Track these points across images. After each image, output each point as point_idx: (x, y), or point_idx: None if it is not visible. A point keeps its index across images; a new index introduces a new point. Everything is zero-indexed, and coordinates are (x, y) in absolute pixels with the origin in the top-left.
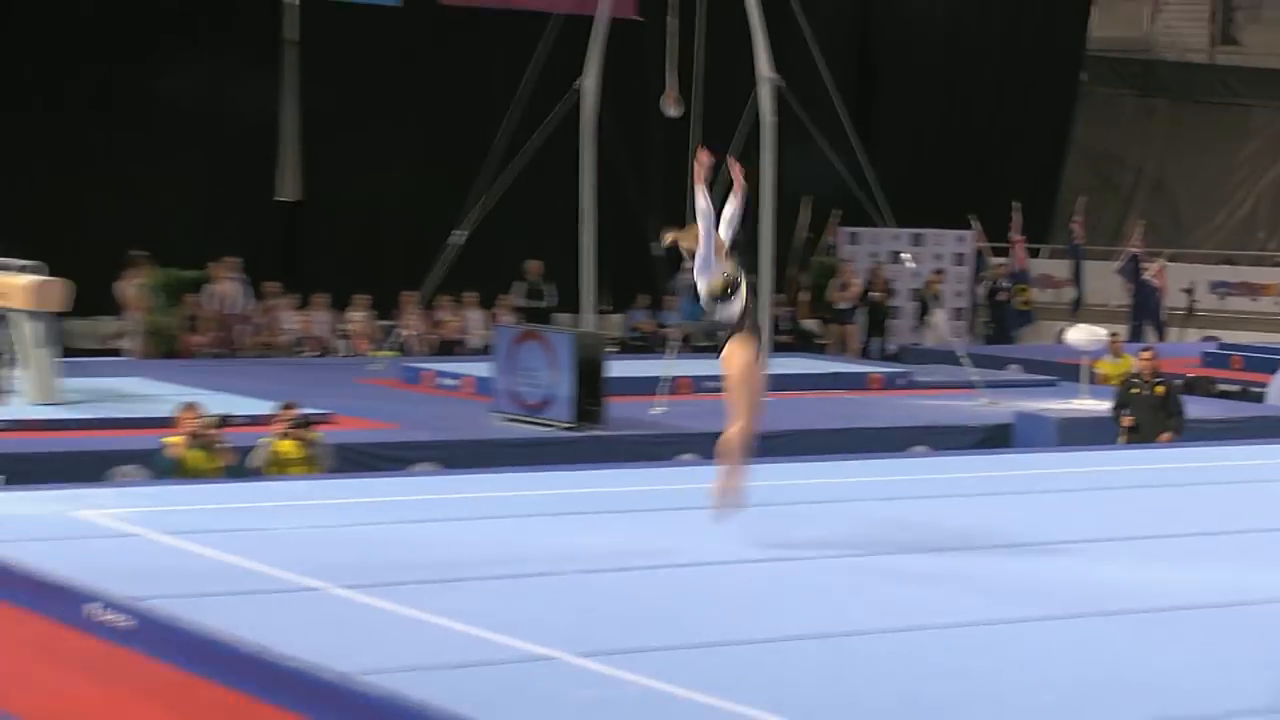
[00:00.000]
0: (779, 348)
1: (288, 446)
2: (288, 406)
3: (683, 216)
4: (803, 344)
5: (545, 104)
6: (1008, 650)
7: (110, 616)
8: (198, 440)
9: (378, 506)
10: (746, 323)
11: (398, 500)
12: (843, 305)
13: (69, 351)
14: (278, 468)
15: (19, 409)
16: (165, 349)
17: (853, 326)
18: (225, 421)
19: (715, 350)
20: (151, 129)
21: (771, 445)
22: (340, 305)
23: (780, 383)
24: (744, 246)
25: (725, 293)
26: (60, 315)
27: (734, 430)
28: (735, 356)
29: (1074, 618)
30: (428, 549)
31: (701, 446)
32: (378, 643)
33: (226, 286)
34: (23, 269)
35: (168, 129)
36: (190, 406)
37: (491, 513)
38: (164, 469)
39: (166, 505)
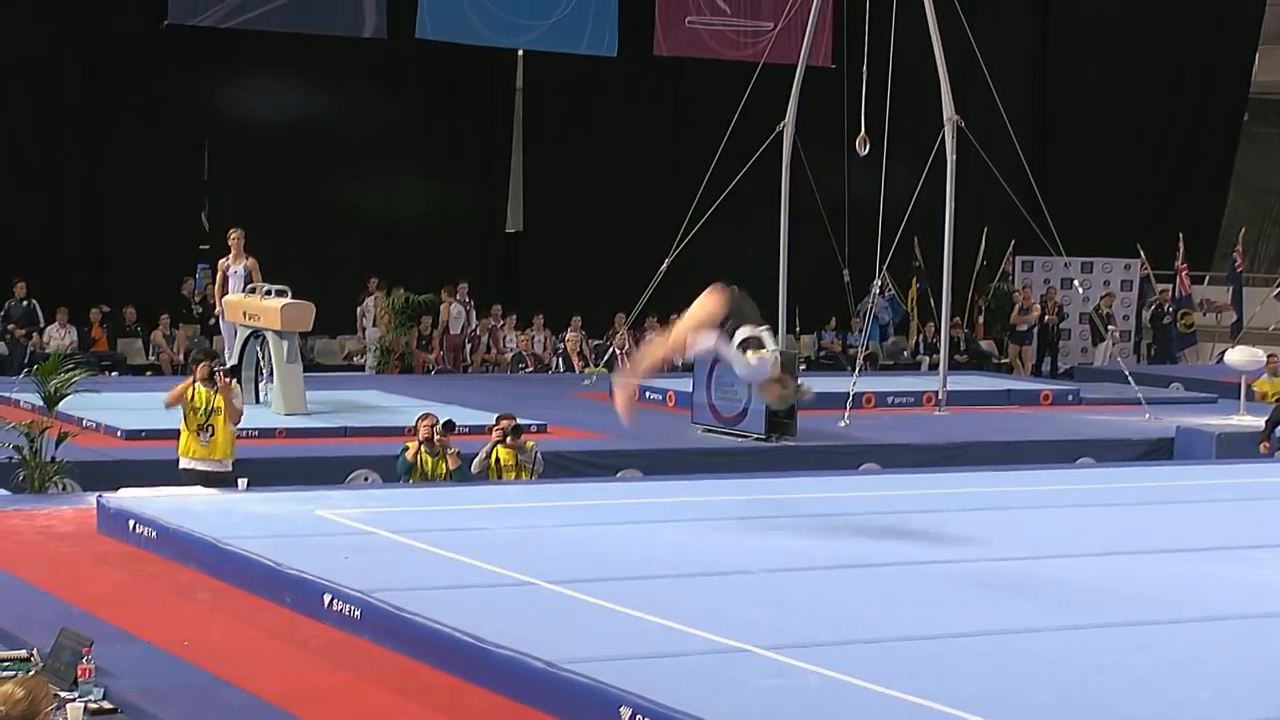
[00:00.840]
0: (956, 366)
1: (505, 454)
2: (504, 417)
3: (872, 246)
4: (980, 363)
5: (748, 145)
6: (1164, 649)
7: (342, 607)
8: (431, 446)
9: (585, 509)
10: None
11: (604, 504)
12: (1023, 327)
13: (313, 367)
14: (496, 473)
15: (269, 418)
16: (399, 365)
17: (1028, 347)
18: (451, 429)
19: (896, 369)
20: (388, 166)
21: (950, 455)
22: (557, 326)
23: (958, 398)
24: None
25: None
26: (306, 334)
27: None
28: (701, 305)
29: (1229, 619)
30: (630, 548)
31: (883, 456)
32: (581, 633)
33: (455, 309)
34: (272, 292)
35: (406, 167)
36: (426, 416)
37: (690, 516)
38: (401, 471)
39: (396, 506)
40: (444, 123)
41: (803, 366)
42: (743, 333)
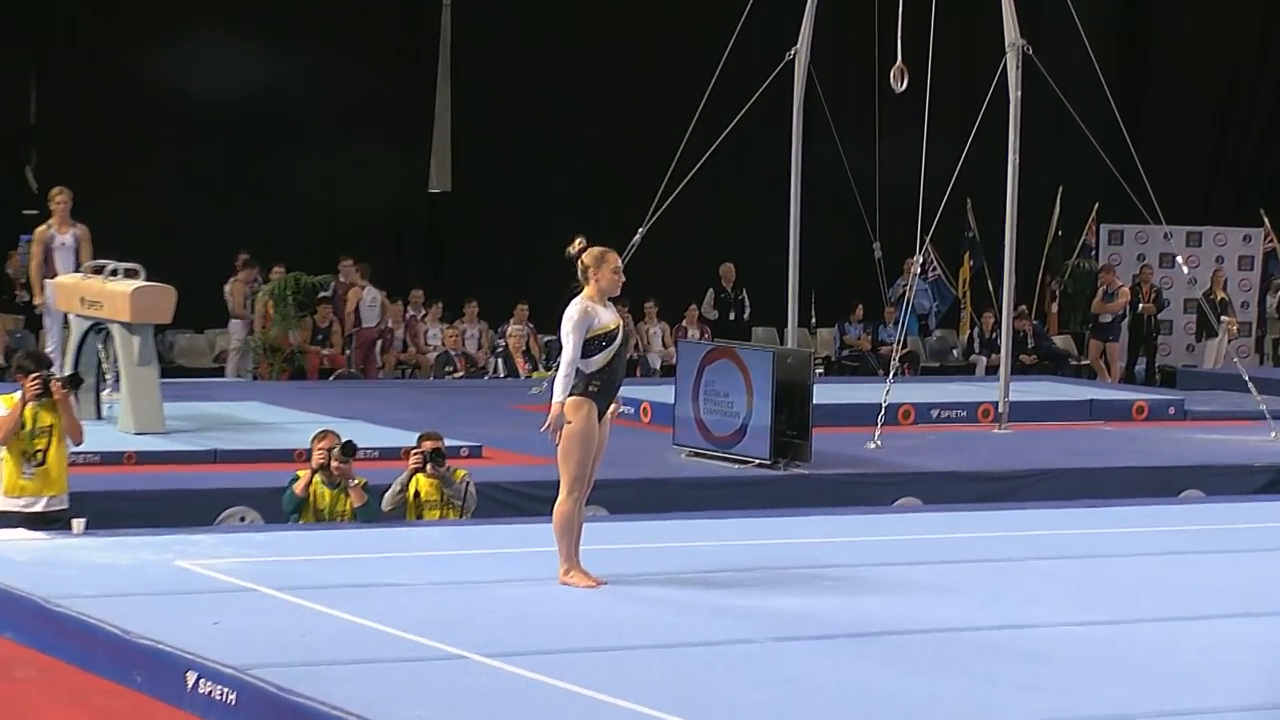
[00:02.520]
0: (1022, 370)
1: (426, 485)
2: (426, 438)
3: (911, 212)
4: (1053, 365)
5: (749, 79)
6: None
7: (211, 688)
8: (329, 475)
9: (532, 559)
10: (602, 380)
11: (555, 552)
12: (1106, 318)
13: (173, 371)
14: (414, 511)
15: (114, 438)
16: (288, 368)
17: (1115, 344)
18: (352, 452)
19: (942, 373)
20: (272, 112)
21: (1013, 487)
22: (495, 317)
23: (1025, 412)
24: None
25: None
26: (165, 328)
27: (560, 506)
28: (574, 416)
29: None
30: (591, 611)
31: (925, 488)
32: None
33: (368, 294)
34: (120, 273)
35: (298, 113)
36: (324, 435)
37: (671, 568)
38: (289, 509)
39: (282, 555)
40: (347, 56)
41: (819, 370)
42: None
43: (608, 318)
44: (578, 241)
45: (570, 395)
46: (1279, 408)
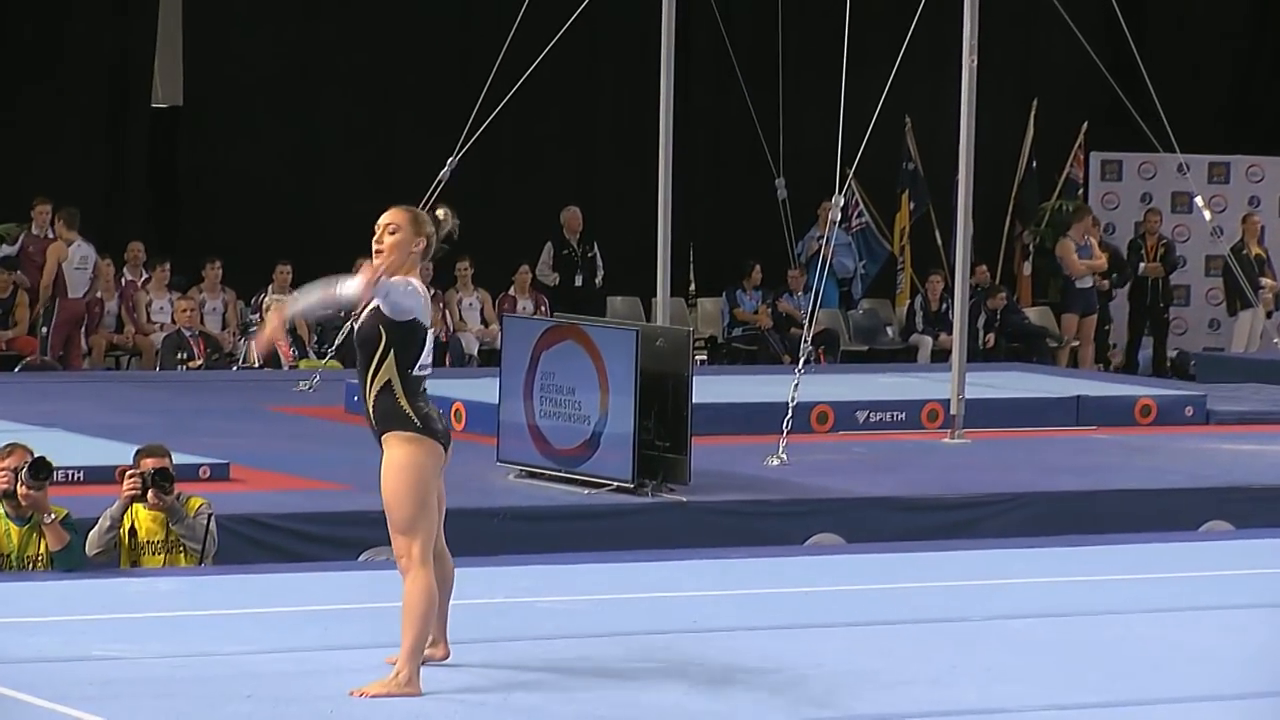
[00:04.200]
0: (987, 355)
1: (147, 519)
2: (147, 453)
3: (828, 137)
4: (1026, 347)
5: None
6: None
7: None
8: (15, 505)
9: (302, 621)
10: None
11: (340, 610)
12: (1083, 282)
13: None
14: (130, 555)
15: None
16: None
17: (1091, 319)
18: (45, 473)
19: (873, 359)
20: None
21: (968, 519)
22: (247, 285)
23: (986, 413)
24: None
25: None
26: None
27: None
28: (392, 460)
29: None
30: (384, 707)
31: (846, 521)
32: None
33: (78, 251)
34: None
35: None
36: (11, 450)
37: (496, 635)
38: None
39: None
40: None
41: (702, 357)
42: None
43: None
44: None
45: (397, 429)
46: None
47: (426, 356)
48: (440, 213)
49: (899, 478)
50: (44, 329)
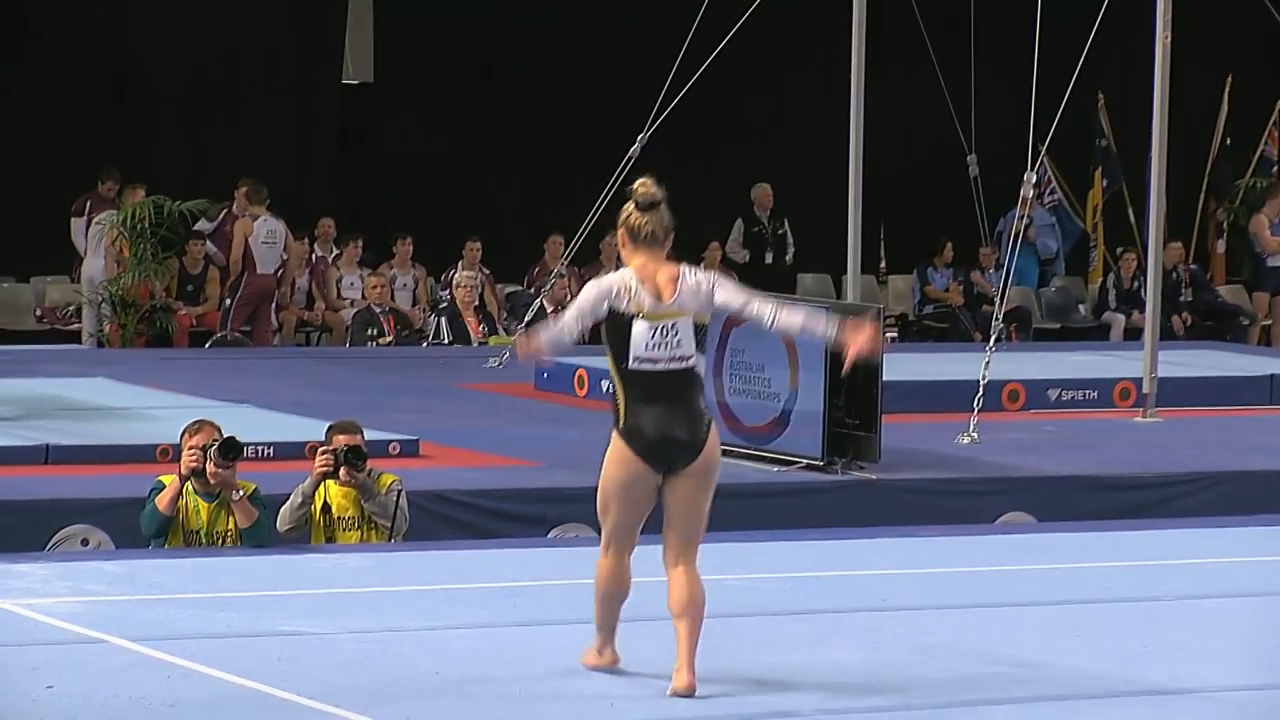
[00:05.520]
0: (1179, 334)
1: (339, 495)
2: (339, 430)
3: (1019, 115)
4: (1220, 326)
5: None
6: None
7: None
8: (205, 483)
9: (492, 597)
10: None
11: (525, 587)
12: (1275, 260)
13: None
14: (323, 532)
15: None
16: (146, 331)
17: None
18: (235, 453)
19: (1065, 337)
20: None
21: (1161, 498)
22: (438, 261)
23: (1181, 392)
24: None
25: None
26: None
27: (602, 563)
28: (611, 462)
29: None
30: (572, 670)
31: (1039, 499)
32: None
33: (265, 226)
34: None
35: None
36: (200, 427)
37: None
38: (150, 529)
39: (141, 592)
40: None
41: (893, 335)
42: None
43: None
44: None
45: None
46: None
47: (640, 349)
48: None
49: (1090, 456)
50: (227, 301)
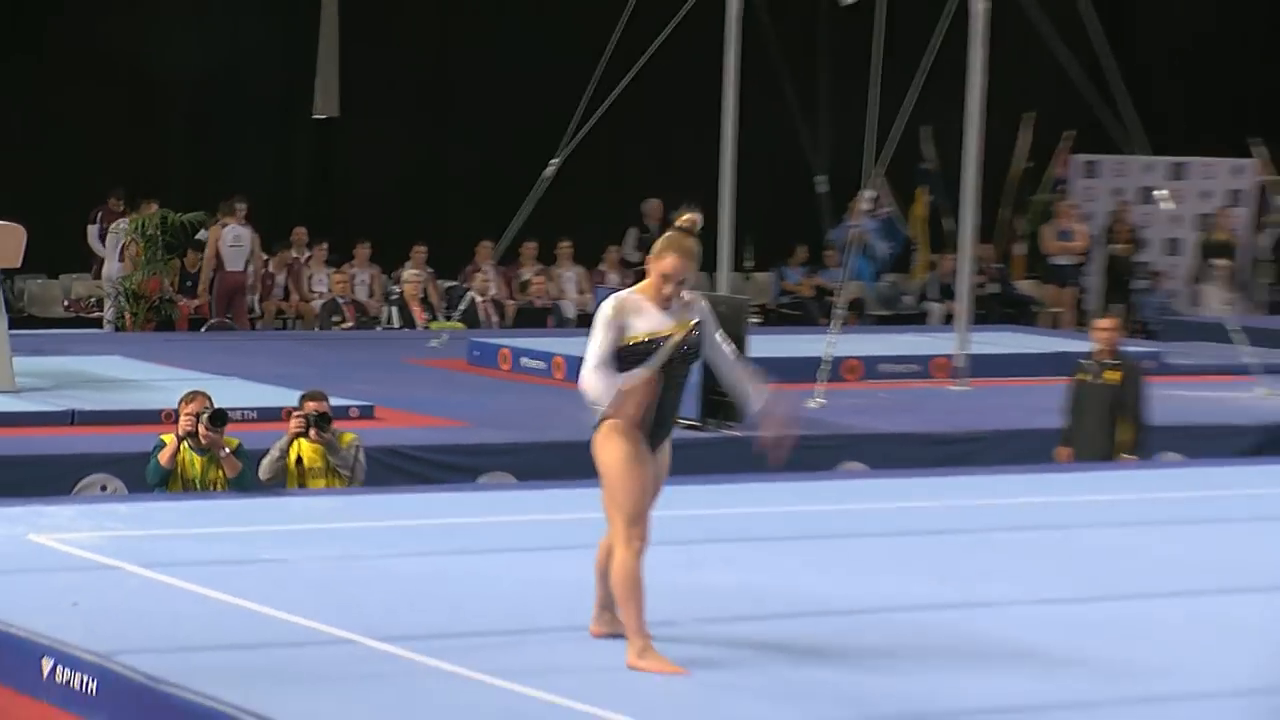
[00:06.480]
0: (986, 319)
1: (309, 451)
2: (309, 398)
3: (857, 142)
4: (1019, 313)
5: None
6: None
7: (70, 677)
8: (198, 442)
9: (431, 531)
10: (641, 410)
11: (459, 524)
12: (1062, 260)
13: (24, 321)
14: (296, 480)
15: None
16: (154, 318)
17: (1072, 290)
18: (221, 422)
19: (894, 322)
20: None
21: (972, 451)
22: (390, 260)
23: (986, 366)
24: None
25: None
26: (13, 272)
27: (616, 559)
28: (607, 449)
29: None
30: (498, 590)
31: (872, 452)
32: (428, 716)
33: (231, 233)
34: None
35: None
36: (194, 396)
37: (586, 541)
38: (154, 479)
39: (148, 528)
40: None
41: (755, 319)
42: None
43: (645, 325)
44: (687, 216)
45: (600, 422)
46: (1269, 361)
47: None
48: (687, 219)
49: (913, 417)
50: (209, 295)
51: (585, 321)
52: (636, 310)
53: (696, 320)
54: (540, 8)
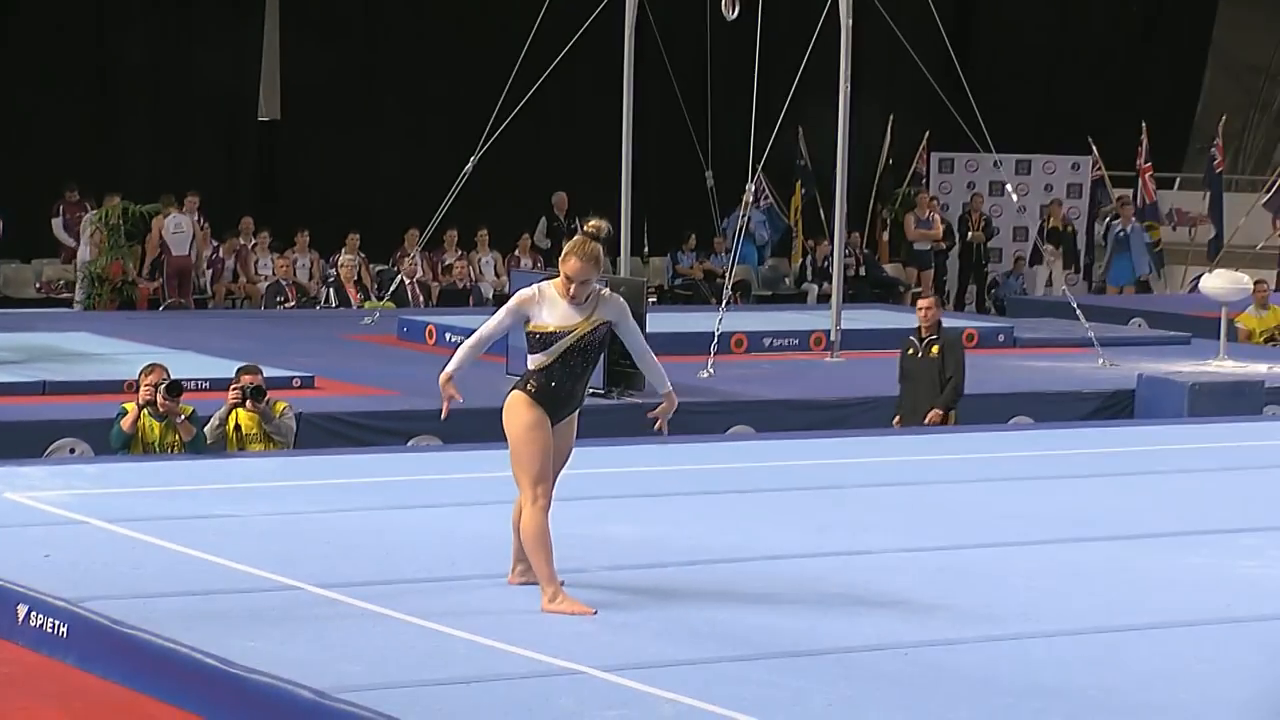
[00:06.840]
0: (855, 298)
1: (246, 419)
2: (245, 371)
3: (742, 141)
4: (884, 293)
5: (581, 7)
6: (1127, 665)
7: (42, 621)
8: (156, 411)
9: (365, 489)
10: (539, 384)
11: (390, 482)
12: (922, 246)
13: None
14: (235, 444)
15: None
16: (116, 299)
17: (929, 272)
18: (177, 393)
19: (775, 301)
20: (98, 37)
21: (845, 415)
22: (327, 246)
23: (857, 339)
24: None
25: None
26: None
27: (525, 517)
28: (512, 418)
29: (1209, 624)
30: (424, 540)
31: (757, 416)
32: (362, 654)
33: (173, 221)
34: None
35: (119, 42)
36: (153, 369)
37: (503, 497)
38: (117, 444)
39: (112, 487)
40: None
41: (652, 299)
42: None
43: (552, 318)
44: (594, 223)
45: (512, 389)
46: (1106, 335)
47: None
48: (594, 225)
49: (794, 385)
50: (158, 278)
51: (502, 301)
52: (550, 302)
53: (602, 321)
54: (460, 19)
